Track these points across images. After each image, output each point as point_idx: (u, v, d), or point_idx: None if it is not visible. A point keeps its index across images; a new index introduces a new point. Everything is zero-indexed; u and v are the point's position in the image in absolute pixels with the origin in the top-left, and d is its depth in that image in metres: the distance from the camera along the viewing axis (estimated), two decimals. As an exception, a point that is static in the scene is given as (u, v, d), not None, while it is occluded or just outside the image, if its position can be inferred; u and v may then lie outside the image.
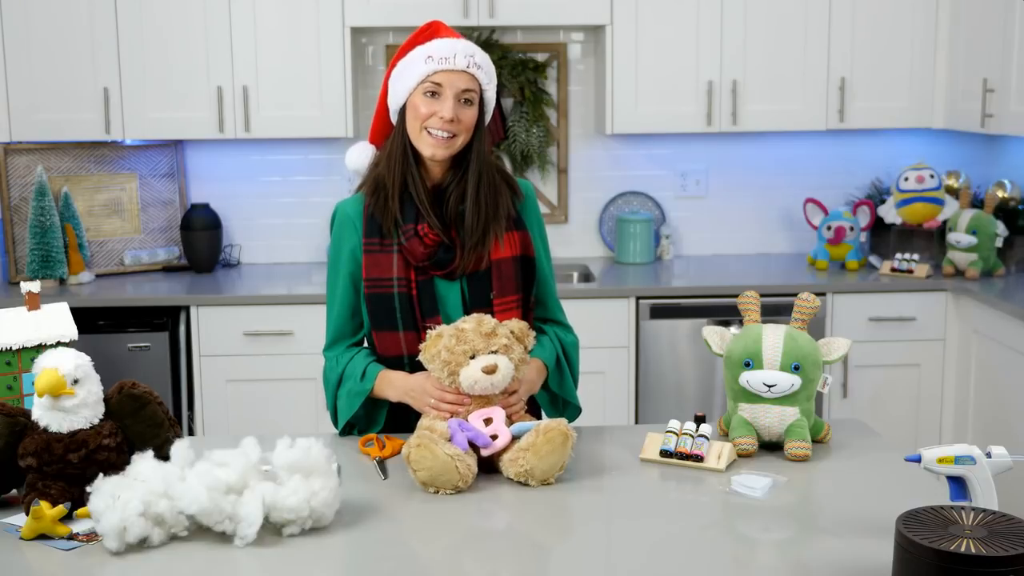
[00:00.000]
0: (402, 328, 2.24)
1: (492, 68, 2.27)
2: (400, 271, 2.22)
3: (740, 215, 4.68)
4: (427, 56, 2.19)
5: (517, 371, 2.12)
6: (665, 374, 4.11)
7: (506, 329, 2.12)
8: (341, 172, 4.53)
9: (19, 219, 4.26)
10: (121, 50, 4.10)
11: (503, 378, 2.08)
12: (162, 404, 1.97)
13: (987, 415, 3.90)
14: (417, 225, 2.22)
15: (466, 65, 2.19)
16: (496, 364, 2.07)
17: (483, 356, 2.07)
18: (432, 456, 1.96)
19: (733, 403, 2.20)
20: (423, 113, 2.19)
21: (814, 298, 2.19)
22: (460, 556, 1.77)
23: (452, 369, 2.08)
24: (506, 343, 2.10)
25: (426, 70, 2.19)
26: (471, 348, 2.08)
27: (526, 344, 2.15)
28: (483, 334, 2.08)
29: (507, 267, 2.26)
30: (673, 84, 4.24)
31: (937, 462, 1.73)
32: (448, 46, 2.20)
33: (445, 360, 2.08)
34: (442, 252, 2.23)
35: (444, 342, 2.09)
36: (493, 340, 2.09)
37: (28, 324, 2.15)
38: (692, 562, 1.72)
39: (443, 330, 2.12)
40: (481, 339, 2.08)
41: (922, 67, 4.28)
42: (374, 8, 4.14)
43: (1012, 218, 4.24)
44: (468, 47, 2.22)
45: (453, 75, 2.18)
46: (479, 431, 2.05)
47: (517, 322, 2.16)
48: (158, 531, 1.76)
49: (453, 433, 2.03)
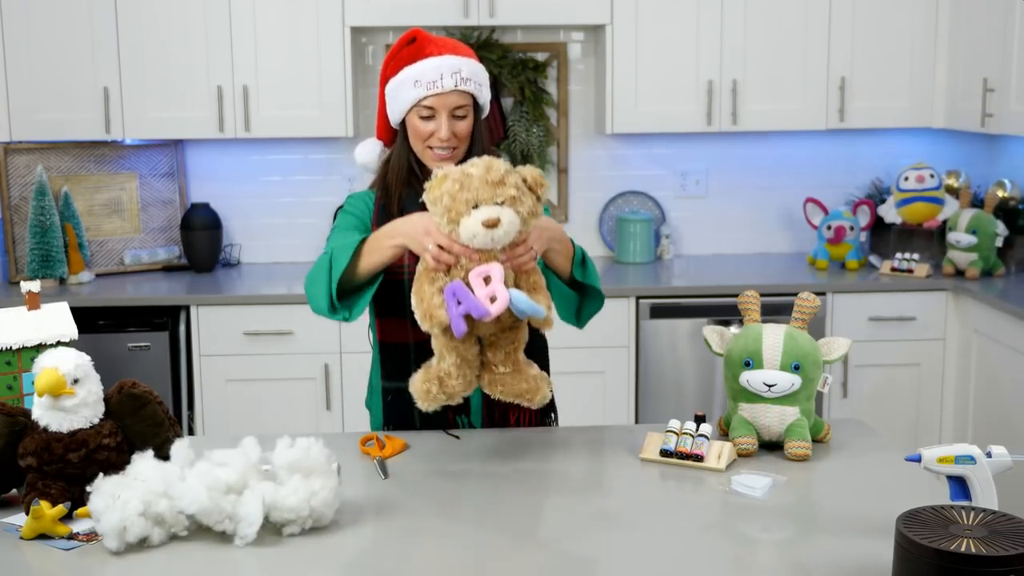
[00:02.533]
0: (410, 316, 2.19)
1: (481, 72, 2.28)
2: (410, 259, 2.19)
3: (740, 215, 4.68)
4: (415, 81, 2.21)
5: (525, 224, 1.93)
6: (665, 374, 4.11)
7: (517, 177, 1.94)
8: (341, 172, 4.53)
9: (19, 219, 4.26)
10: (121, 50, 4.10)
11: (505, 234, 1.90)
12: (162, 404, 1.97)
13: (987, 415, 3.90)
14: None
15: (454, 84, 2.20)
16: (499, 218, 1.88)
17: (486, 207, 1.89)
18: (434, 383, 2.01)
19: (733, 403, 2.20)
20: (422, 132, 2.23)
21: (814, 298, 2.19)
22: (460, 556, 1.77)
23: (452, 217, 1.91)
24: (514, 194, 1.91)
25: (416, 95, 2.21)
26: (474, 197, 1.89)
27: (539, 194, 1.96)
28: (490, 182, 1.89)
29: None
30: (673, 84, 4.24)
31: (937, 462, 1.73)
32: (434, 68, 2.20)
33: (446, 206, 1.91)
34: None
35: (447, 186, 1.92)
36: (500, 190, 1.89)
37: (28, 324, 2.15)
38: (692, 562, 1.72)
39: (449, 171, 1.94)
40: (487, 187, 1.89)
41: (922, 67, 4.28)
42: (374, 8, 4.14)
43: (1012, 218, 4.24)
44: (453, 63, 2.22)
45: (443, 97, 2.21)
46: (475, 300, 1.88)
47: (531, 169, 1.98)
48: (158, 531, 1.76)
49: (448, 306, 1.91)
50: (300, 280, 4.22)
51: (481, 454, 2.20)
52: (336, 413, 4.04)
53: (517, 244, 1.95)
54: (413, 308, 1.99)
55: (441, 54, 2.23)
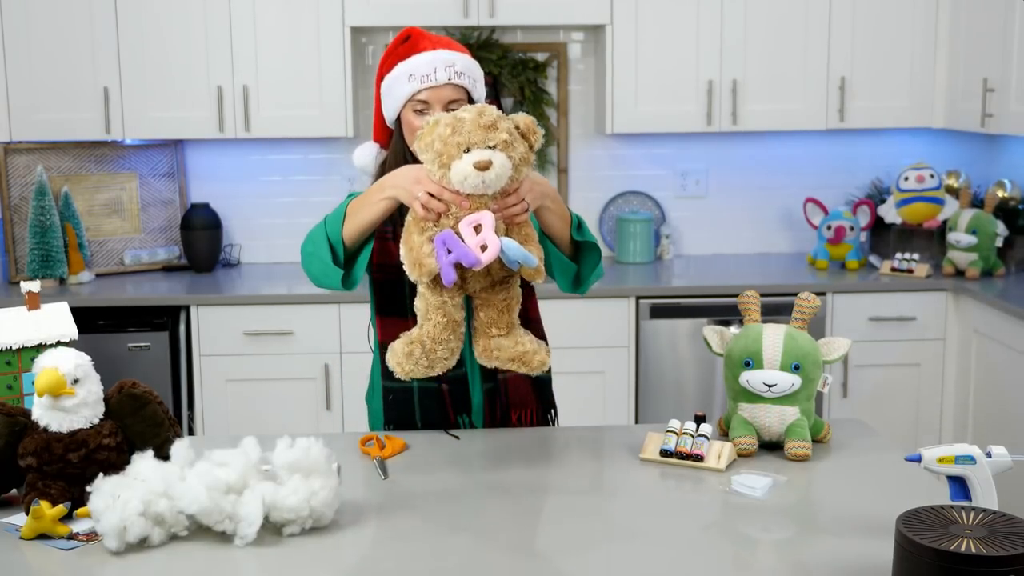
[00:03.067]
0: (412, 315, 2.19)
1: (475, 68, 2.28)
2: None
3: (740, 215, 4.68)
4: (409, 75, 2.21)
5: (517, 172, 1.93)
6: (665, 374, 4.11)
7: (510, 123, 1.94)
8: (341, 172, 4.53)
9: (19, 219, 4.26)
10: (121, 50, 4.10)
11: (497, 177, 1.88)
12: (162, 404, 1.97)
13: (987, 415, 3.90)
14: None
15: (448, 78, 2.20)
16: (491, 160, 1.87)
17: (478, 150, 1.88)
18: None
19: (733, 403, 2.20)
20: (416, 127, 2.22)
21: (814, 298, 2.19)
22: (460, 556, 1.77)
23: (443, 162, 1.90)
24: (507, 139, 1.90)
25: (410, 89, 2.21)
26: (466, 141, 1.89)
27: (531, 142, 1.97)
28: (482, 126, 1.89)
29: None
30: (673, 84, 4.24)
31: (937, 462, 1.73)
32: (427, 62, 2.21)
33: (438, 151, 1.91)
34: None
35: (439, 131, 1.92)
36: (492, 134, 1.89)
37: (28, 324, 2.15)
38: (692, 562, 1.72)
39: (440, 117, 1.94)
40: (479, 131, 1.89)
41: (922, 67, 4.28)
42: (374, 8, 4.14)
43: (1012, 218, 4.24)
44: (447, 57, 2.23)
45: (437, 90, 2.20)
46: (466, 248, 1.87)
47: (524, 116, 1.97)
48: (158, 531, 1.76)
49: (438, 255, 1.89)
50: (300, 280, 4.22)
51: (481, 454, 2.20)
52: (336, 413, 4.04)
53: (508, 194, 1.94)
54: (401, 258, 1.96)
55: (435, 49, 2.24)
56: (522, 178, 1.96)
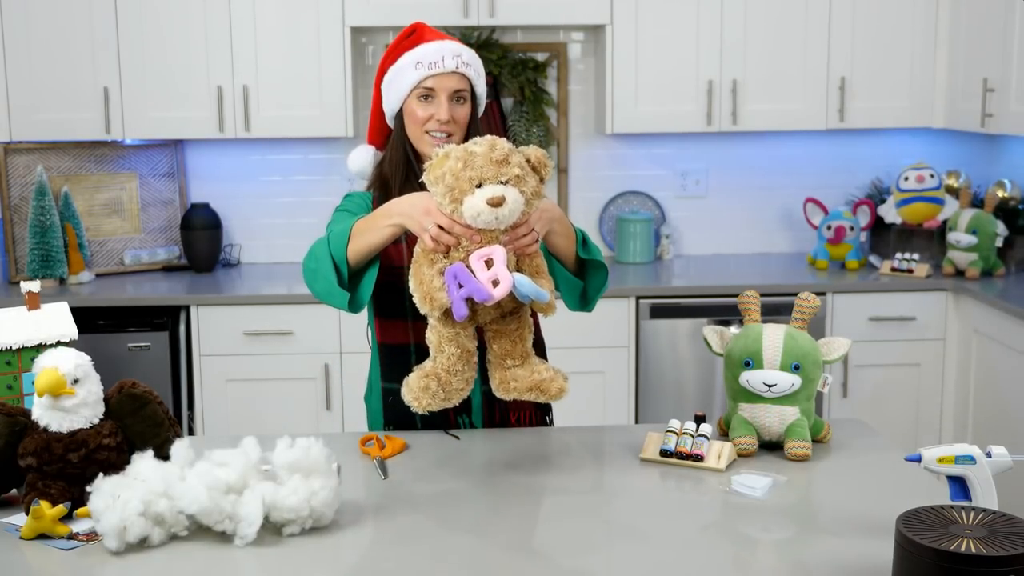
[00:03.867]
0: (411, 317, 2.21)
1: (480, 63, 2.30)
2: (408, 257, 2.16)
3: (740, 215, 4.68)
4: (416, 62, 2.22)
5: (529, 205, 1.91)
6: (665, 374, 4.11)
7: (521, 157, 1.92)
8: (341, 172, 4.53)
9: (19, 219, 4.26)
10: (121, 50, 4.10)
11: (510, 212, 1.87)
12: (162, 404, 1.97)
13: (987, 415, 3.90)
14: None
15: (455, 66, 2.22)
16: (504, 196, 1.85)
17: (490, 185, 1.87)
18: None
19: (733, 403, 2.20)
20: (420, 117, 2.23)
21: (814, 298, 2.19)
22: (460, 556, 1.77)
23: (455, 196, 1.88)
24: (519, 173, 1.89)
25: (417, 76, 2.21)
26: (478, 175, 1.87)
27: (542, 175, 1.95)
28: (494, 160, 1.87)
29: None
30: (673, 84, 4.24)
31: (937, 462, 1.73)
32: (435, 50, 2.23)
33: (449, 185, 1.88)
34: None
35: (450, 164, 1.89)
36: (504, 168, 1.87)
37: (28, 324, 2.15)
38: (692, 562, 1.72)
39: (451, 150, 1.92)
40: (491, 166, 1.87)
41: (922, 67, 4.28)
42: (374, 8, 4.14)
43: (1012, 218, 4.24)
44: (455, 47, 2.25)
45: (443, 77, 2.22)
46: (477, 283, 1.84)
47: (535, 149, 1.96)
48: (158, 531, 1.76)
49: (449, 291, 1.87)
50: (300, 280, 4.22)
51: (481, 454, 2.20)
52: (336, 413, 4.04)
53: (518, 225, 1.92)
54: (412, 291, 1.93)
55: (443, 40, 2.26)
56: (532, 211, 1.95)
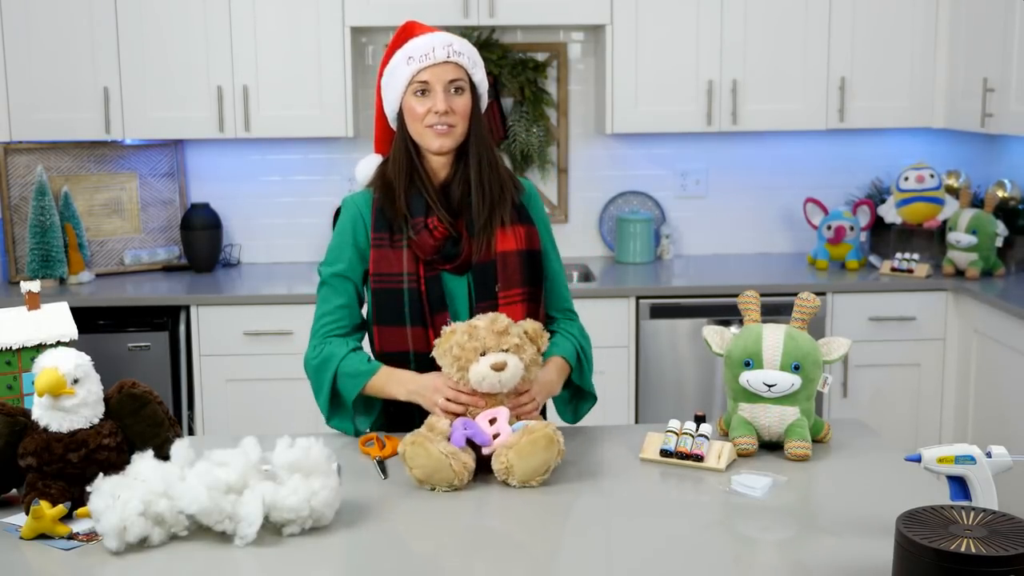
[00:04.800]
0: (410, 323, 2.24)
1: (474, 52, 2.29)
2: (410, 267, 2.24)
3: (740, 215, 4.68)
4: (408, 57, 2.23)
5: (528, 371, 2.13)
6: (665, 374, 4.11)
7: (519, 329, 2.13)
8: (341, 172, 4.53)
9: (19, 219, 4.26)
10: (121, 50, 4.10)
11: (511, 376, 2.08)
12: (162, 404, 1.97)
13: (987, 415, 3.90)
14: (427, 219, 2.24)
15: (446, 56, 2.23)
16: (505, 362, 2.07)
17: (493, 353, 2.08)
18: (426, 454, 1.97)
19: (733, 403, 2.20)
20: (419, 112, 2.23)
21: (814, 298, 2.19)
22: (460, 556, 1.77)
23: (462, 365, 2.09)
24: (518, 342, 2.10)
25: (410, 71, 2.22)
26: (482, 345, 2.08)
27: (539, 345, 2.16)
28: (495, 332, 2.09)
29: (512, 260, 2.27)
30: (673, 84, 4.24)
31: (937, 462, 1.73)
32: (426, 42, 2.23)
33: (456, 356, 2.10)
34: (450, 245, 2.26)
35: (456, 338, 2.11)
36: (505, 338, 2.09)
37: (28, 324, 2.15)
38: (692, 562, 1.72)
39: (457, 326, 2.13)
40: (492, 336, 2.09)
41: (922, 67, 4.28)
42: (374, 8, 4.14)
43: (1012, 218, 4.24)
44: (445, 38, 2.25)
45: (437, 68, 2.22)
46: (479, 429, 2.05)
47: (532, 323, 2.17)
48: (158, 531, 1.76)
49: (453, 430, 2.04)
50: (300, 280, 4.24)
51: (481, 454, 2.20)
52: (336, 413, 4.04)
53: (520, 393, 2.15)
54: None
55: (433, 32, 2.27)
56: (533, 378, 2.15)
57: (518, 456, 1.99)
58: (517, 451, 1.99)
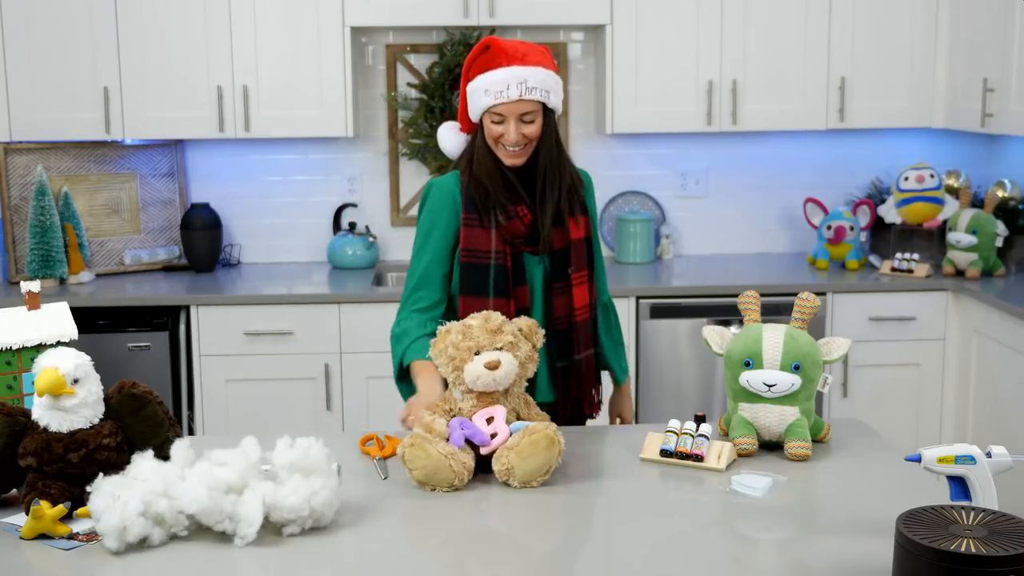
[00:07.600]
0: (493, 295, 2.44)
1: (549, 79, 2.43)
2: (498, 245, 2.46)
3: (740, 215, 4.68)
4: (485, 90, 2.41)
5: (523, 369, 2.12)
6: (665, 374, 4.11)
7: (513, 327, 2.14)
8: (341, 172, 4.53)
9: (19, 219, 4.26)
10: (121, 50, 4.10)
11: (505, 375, 2.08)
12: (162, 404, 1.97)
13: (987, 415, 3.90)
14: (517, 207, 2.46)
15: (519, 95, 2.39)
16: (499, 361, 2.07)
17: (487, 352, 2.08)
18: (426, 455, 1.98)
19: (733, 403, 2.20)
20: (494, 133, 2.44)
21: (814, 298, 2.19)
22: (461, 556, 1.77)
23: (456, 365, 2.10)
24: (512, 340, 2.11)
25: (486, 102, 2.41)
26: (476, 344, 2.09)
27: (534, 342, 2.16)
28: (489, 331, 2.10)
29: (580, 246, 2.53)
30: (673, 84, 4.24)
31: (937, 462, 1.73)
32: (501, 79, 2.39)
33: (451, 356, 2.10)
34: (533, 231, 2.48)
35: (451, 338, 2.12)
36: (498, 337, 2.10)
37: (28, 324, 2.15)
38: (692, 562, 1.72)
39: (451, 326, 2.14)
40: (486, 336, 2.10)
41: (922, 67, 4.28)
42: (374, 8, 4.14)
43: (1012, 218, 4.24)
44: (520, 74, 2.39)
45: (510, 105, 2.39)
46: (477, 429, 2.05)
47: (526, 320, 2.19)
48: (158, 531, 1.76)
49: (451, 431, 2.04)
50: (300, 280, 4.24)
51: (481, 454, 2.20)
52: (336, 413, 4.04)
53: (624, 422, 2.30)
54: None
55: (510, 65, 2.40)
56: (528, 375, 2.16)
57: (519, 457, 1.99)
58: (518, 452, 1.99)
